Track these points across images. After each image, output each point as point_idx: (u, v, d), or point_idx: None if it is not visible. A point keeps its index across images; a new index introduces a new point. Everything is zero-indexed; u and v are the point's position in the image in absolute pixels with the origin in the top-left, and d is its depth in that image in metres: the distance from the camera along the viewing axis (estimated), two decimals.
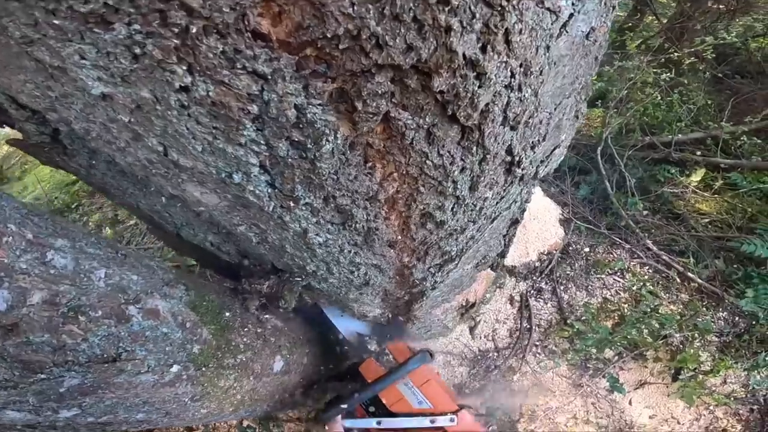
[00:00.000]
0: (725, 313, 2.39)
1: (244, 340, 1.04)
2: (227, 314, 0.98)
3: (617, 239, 2.60)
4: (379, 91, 0.51)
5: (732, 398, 2.19)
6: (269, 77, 0.48)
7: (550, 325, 2.36)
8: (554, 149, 0.91)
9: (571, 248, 2.57)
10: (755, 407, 2.20)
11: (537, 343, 2.32)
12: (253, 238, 0.83)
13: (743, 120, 3.13)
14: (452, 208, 0.78)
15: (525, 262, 2.30)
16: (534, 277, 2.45)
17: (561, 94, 0.74)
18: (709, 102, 3.36)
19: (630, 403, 2.23)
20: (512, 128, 0.66)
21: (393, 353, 1.33)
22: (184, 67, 0.48)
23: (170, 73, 0.48)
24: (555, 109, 0.74)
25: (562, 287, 2.46)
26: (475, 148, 0.65)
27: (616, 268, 2.50)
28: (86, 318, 0.67)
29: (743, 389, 2.22)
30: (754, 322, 2.31)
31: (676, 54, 3.47)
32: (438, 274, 1.02)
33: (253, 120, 0.54)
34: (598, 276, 2.49)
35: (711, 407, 2.21)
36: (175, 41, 0.45)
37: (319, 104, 0.52)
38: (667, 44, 3.70)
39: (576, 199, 2.82)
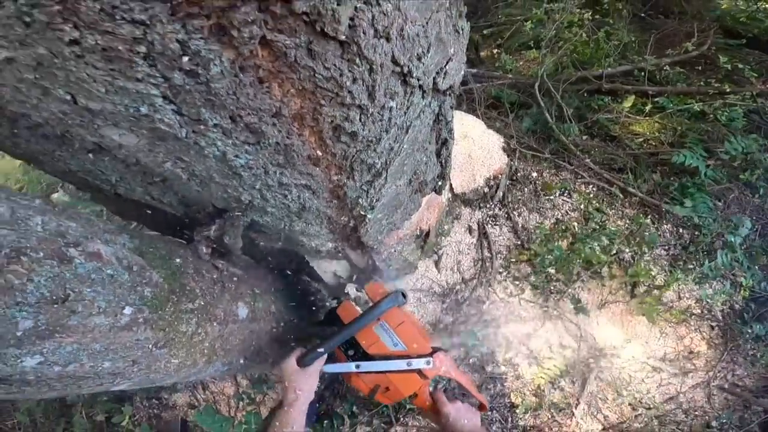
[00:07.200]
0: (669, 225, 2.56)
1: (200, 285, 1.09)
2: (177, 260, 1.03)
3: (561, 162, 2.77)
4: (249, 19, 0.60)
5: (690, 314, 2.30)
6: (148, 22, 0.57)
7: (509, 251, 2.50)
8: (447, 62, 1.00)
9: (519, 174, 2.72)
10: (714, 324, 2.31)
11: (501, 271, 2.46)
12: (182, 175, 0.88)
13: (665, 53, 3.45)
14: (360, 118, 0.86)
15: (473, 188, 2.44)
16: (488, 205, 2.58)
17: (428, 8, 0.83)
18: (634, 39, 3.65)
19: (597, 323, 2.34)
20: (387, 40, 0.75)
21: (368, 294, 1.30)
22: (70, 25, 0.56)
23: (59, 31, 0.57)
24: (427, 22, 0.83)
25: (516, 212, 2.60)
26: (358, 60, 0.74)
27: (562, 189, 2.66)
28: (29, 259, 0.71)
29: (698, 304, 2.34)
30: (697, 233, 2.48)
31: None
32: (372, 191, 1.10)
33: (144, 57, 0.62)
34: (548, 198, 2.65)
35: (673, 324, 2.31)
36: (57, 6, 0.54)
37: (201, 37, 0.60)
38: None
39: (520, 131, 3.01)
